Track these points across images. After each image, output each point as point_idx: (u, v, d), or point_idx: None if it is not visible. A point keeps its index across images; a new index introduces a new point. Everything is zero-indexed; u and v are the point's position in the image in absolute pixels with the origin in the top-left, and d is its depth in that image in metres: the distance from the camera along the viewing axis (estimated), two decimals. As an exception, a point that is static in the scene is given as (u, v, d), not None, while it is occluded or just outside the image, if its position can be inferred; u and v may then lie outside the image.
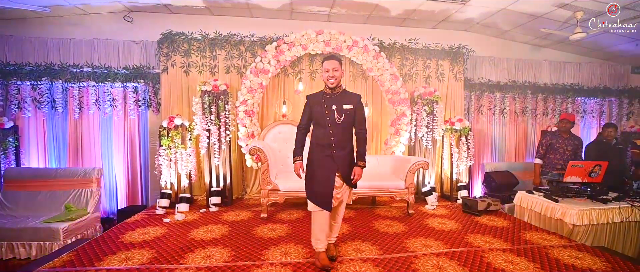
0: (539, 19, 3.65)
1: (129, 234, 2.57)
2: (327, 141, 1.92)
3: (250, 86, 3.49)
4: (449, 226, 2.85)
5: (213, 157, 3.37)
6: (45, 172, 3.31)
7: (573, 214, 2.56)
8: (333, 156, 1.91)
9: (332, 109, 1.91)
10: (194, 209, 3.27)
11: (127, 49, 3.70)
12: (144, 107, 3.72)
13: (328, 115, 1.92)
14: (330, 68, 1.91)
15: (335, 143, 1.92)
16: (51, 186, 3.21)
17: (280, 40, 3.53)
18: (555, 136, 3.15)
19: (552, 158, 3.12)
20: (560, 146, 3.12)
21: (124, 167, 3.71)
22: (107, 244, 2.38)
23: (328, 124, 1.92)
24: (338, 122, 1.91)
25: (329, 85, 1.93)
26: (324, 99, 1.95)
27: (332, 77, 1.91)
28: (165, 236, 2.53)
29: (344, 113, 1.92)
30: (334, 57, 1.94)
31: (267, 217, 2.97)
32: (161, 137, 3.31)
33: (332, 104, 1.93)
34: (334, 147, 1.92)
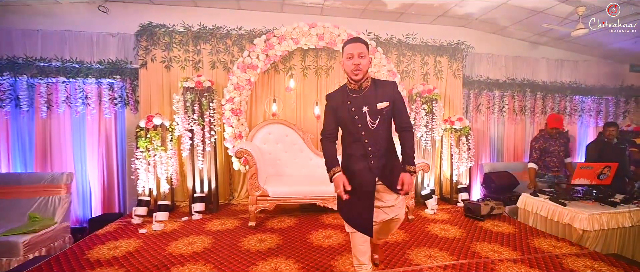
0: (539, 15, 3.43)
1: (98, 249, 2.21)
2: (362, 151, 1.43)
3: (237, 83, 3.14)
4: (452, 232, 2.58)
5: (196, 160, 3.00)
6: (7, 177, 2.87)
7: (583, 219, 2.34)
8: (371, 167, 1.43)
9: (363, 112, 1.40)
10: (175, 217, 2.90)
11: (102, 42, 3.29)
12: (121, 105, 3.32)
13: (359, 121, 1.41)
14: (354, 53, 1.37)
15: (372, 152, 1.43)
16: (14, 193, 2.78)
17: (270, 34, 3.19)
18: (547, 139, 2.93)
19: (548, 161, 2.93)
20: (555, 148, 2.91)
21: (98, 172, 3.29)
22: (69, 262, 2.02)
23: (361, 132, 1.42)
24: (372, 127, 1.41)
25: (353, 78, 1.40)
26: (349, 100, 1.43)
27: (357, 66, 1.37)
28: (139, 251, 2.18)
29: (379, 114, 1.42)
30: (358, 39, 1.41)
31: (256, 225, 2.65)
32: (138, 138, 2.93)
33: (361, 104, 1.41)
34: (371, 158, 1.44)
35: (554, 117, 2.90)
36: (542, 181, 2.95)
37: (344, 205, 1.49)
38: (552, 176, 2.93)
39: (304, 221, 2.83)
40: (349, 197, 1.42)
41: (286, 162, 3.15)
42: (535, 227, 2.69)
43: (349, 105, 1.43)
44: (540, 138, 2.94)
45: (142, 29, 3.19)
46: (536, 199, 2.73)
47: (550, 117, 2.94)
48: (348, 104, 1.43)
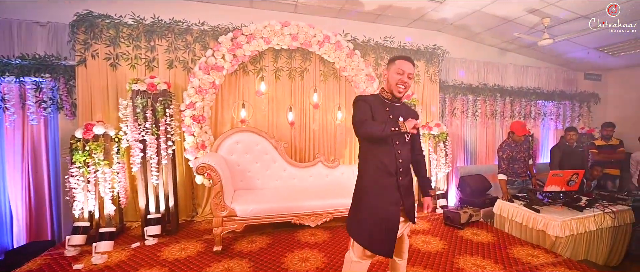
0: (509, 23, 3.42)
1: None
2: (394, 164, 1.32)
3: (200, 86, 2.66)
4: (433, 245, 2.41)
5: (150, 175, 2.48)
6: None
7: (556, 226, 2.32)
8: (399, 184, 1.33)
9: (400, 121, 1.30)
10: (124, 243, 2.40)
11: (25, 32, 2.62)
12: (53, 109, 2.66)
13: None
14: (405, 71, 1.32)
15: (402, 167, 1.34)
16: None
17: (238, 31, 2.75)
18: (513, 147, 2.85)
19: (516, 168, 2.87)
20: (521, 156, 2.86)
21: (22, 191, 2.62)
22: None
23: (395, 141, 1.34)
24: (407, 139, 1.38)
25: (396, 94, 1.35)
26: (388, 107, 1.37)
27: (405, 83, 1.34)
28: None
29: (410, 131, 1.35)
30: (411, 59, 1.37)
31: (222, 250, 2.24)
32: (74, 151, 2.33)
33: (399, 114, 1.36)
34: (401, 173, 1.34)
35: (520, 124, 2.81)
36: (512, 188, 2.90)
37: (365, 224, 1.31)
38: (521, 181, 2.90)
39: (278, 240, 2.47)
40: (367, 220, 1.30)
41: (257, 175, 2.75)
42: (511, 233, 2.64)
43: (387, 111, 1.36)
44: (507, 148, 2.84)
45: (80, 18, 2.58)
46: (511, 205, 2.67)
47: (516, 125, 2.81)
48: (387, 110, 1.36)
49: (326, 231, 2.64)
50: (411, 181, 1.41)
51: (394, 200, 1.33)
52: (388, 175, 1.33)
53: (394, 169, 1.33)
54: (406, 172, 1.37)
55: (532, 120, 4.29)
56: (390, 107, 1.37)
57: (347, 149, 3.36)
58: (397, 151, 1.33)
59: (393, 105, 1.38)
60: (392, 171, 1.33)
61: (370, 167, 1.35)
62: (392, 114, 1.35)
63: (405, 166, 1.37)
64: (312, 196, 2.54)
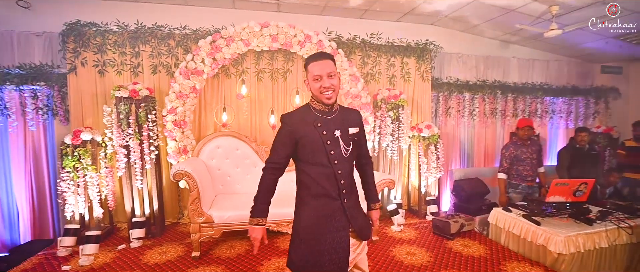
0: (511, 13, 2.97)
1: None
2: (335, 186, 1.10)
3: (180, 91, 2.56)
4: (418, 257, 2.19)
5: (134, 180, 2.43)
6: None
7: (559, 242, 1.99)
8: (345, 206, 1.11)
9: (336, 137, 1.10)
10: (112, 243, 2.41)
11: (24, 43, 2.65)
12: (49, 116, 2.68)
13: (332, 147, 1.09)
14: (323, 74, 1.06)
15: (345, 187, 1.11)
16: None
17: (217, 34, 2.61)
18: (519, 146, 2.56)
19: (521, 170, 2.55)
20: (527, 156, 2.52)
21: (26, 192, 2.69)
22: None
23: (334, 161, 1.09)
24: (346, 154, 1.11)
25: (326, 102, 1.09)
26: (319, 121, 1.10)
27: (329, 88, 1.07)
28: None
29: (351, 141, 1.13)
30: (325, 55, 1.09)
31: (201, 255, 2.19)
32: (64, 156, 2.33)
33: (333, 128, 1.10)
34: (344, 194, 1.11)
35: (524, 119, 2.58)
36: (516, 192, 2.55)
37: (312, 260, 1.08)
38: (527, 186, 2.55)
39: None
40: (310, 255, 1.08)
41: (237, 179, 2.62)
42: (507, 246, 2.34)
43: (319, 127, 1.10)
44: (511, 145, 2.57)
45: (69, 28, 2.56)
46: (508, 215, 2.33)
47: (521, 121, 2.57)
48: (318, 125, 1.10)
49: (305, 236, 2.45)
50: (357, 199, 1.18)
51: (341, 225, 1.10)
52: (331, 200, 1.11)
53: (337, 193, 1.10)
54: (351, 190, 1.14)
55: (539, 118, 3.79)
56: (322, 122, 1.10)
57: (332, 151, 3.12)
58: (337, 171, 1.09)
59: (325, 119, 1.11)
60: (335, 195, 1.10)
61: (309, 194, 1.12)
62: (326, 128, 1.10)
63: (349, 184, 1.14)
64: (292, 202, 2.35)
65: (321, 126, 1.10)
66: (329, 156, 1.09)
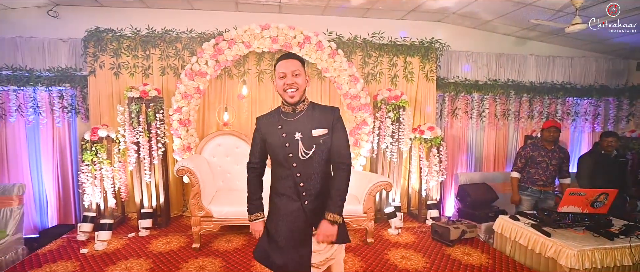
0: (527, 8, 2.71)
1: None
2: (293, 187, 1.11)
3: (185, 91, 2.66)
4: (414, 262, 2.10)
5: (143, 174, 2.57)
6: (-40, 189, 2.54)
7: (571, 256, 1.79)
8: (304, 208, 1.11)
9: (295, 139, 1.10)
10: (124, 231, 2.59)
11: (53, 48, 2.90)
12: (72, 114, 2.92)
13: (290, 150, 1.10)
14: (287, 72, 1.07)
15: (306, 190, 1.11)
16: (-34, 205, 2.44)
17: (219, 38, 2.68)
18: (538, 147, 2.37)
19: (533, 172, 2.37)
20: (543, 160, 2.35)
21: (53, 181, 2.97)
22: None
23: (292, 163, 1.10)
24: (304, 157, 1.09)
25: (289, 101, 1.10)
26: (281, 124, 1.12)
27: (292, 85, 1.07)
28: None
29: (315, 143, 1.10)
30: (292, 55, 1.12)
31: (201, 246, 2.28)
32: (83, 150, 2.53)
33: (294, 130, 1.10)
34: (305, 196, 1.11)
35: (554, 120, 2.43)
36: (524, 195, 2.38)
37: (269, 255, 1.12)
38: (537, 190, 2.36)
39: (253, 241, 2.43)
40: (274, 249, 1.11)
41: (237, 176, 2.68)
42: (513, 257, 2.16)
43: (280, 130, 1.12)
44: (529, 145, 2.41)
45: (89, 34, 2.77)
46: (516, 223, 2.15)
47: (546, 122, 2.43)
48: (279, 128, 1.12)
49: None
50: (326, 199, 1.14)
51: (300, 227, 1.11)
52: (291, 201, 1.12)
53: (296, 195, 1.11)
54: (316, 193, 1.12)
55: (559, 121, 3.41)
56: (283, 123, 1.11)
57: (331, 152, 3.07)
58: (295, 173, 1.09)
59: (287, 121, 1.12)
60: (295, 197, 1.12)
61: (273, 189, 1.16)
62: (286, 131, 1.10)
63: (312, 187, 1.11)
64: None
65: (282, 128, 1.11)
66: (288, 158, 1.09)
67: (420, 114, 3.15)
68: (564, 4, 2.58)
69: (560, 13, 2.73)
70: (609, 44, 3.37)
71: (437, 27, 3.19)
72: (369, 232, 2.32)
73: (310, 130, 1.09)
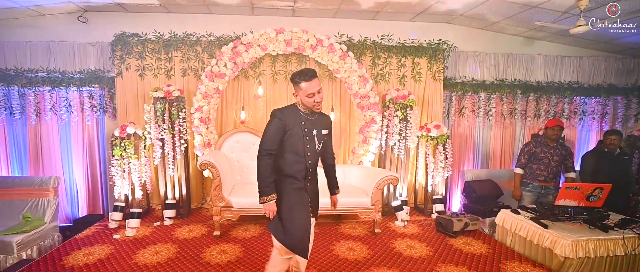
0: (533, 9, 2.88)
1: (74, 255, 2.24)
2: (304, 172, 1.48)
3: (206, 92, 2.95)
4: (418, 250, 2.32)
5: (167, 168, 2.89)
6: (4, 180, 2.95)
7: (565, 245, 1.99)
8: (307, 188, 1.52)
9: (313, 135, 1.47)
10: (149, 221, 2.90)
11: (82, 52, 3.23)
12: (101, 112, 3.26)
13: (309, 142, 1.46)
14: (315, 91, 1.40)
15: (311, 174, 1.53)
16: (10, 195, 2.84)
17: (237, 41, 2.95)
18: (541, 144, 2.56)
19: (535, 168, 2.55)
20: (545, 156, 2.53)
21: (83, 175, 3.32)
22: (48, 267, 2.06)
23: (307, 153, 1.47)
24: (318, 150, 1.51)
25: (316, 111, 1.47)
26: (303, 121, 1.47)
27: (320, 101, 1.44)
28: (109, 259, 2.18)
29: (323, 139, 1.53)
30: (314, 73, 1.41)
31: (221, 235, 2.57)
32: (113, 146, 2.85)
33: (312, 127, 1.48)
34: (309, 180, 1.53)
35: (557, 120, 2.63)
36: (526, 190, 2.56)
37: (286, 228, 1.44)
38: (538, 185, 2.53)
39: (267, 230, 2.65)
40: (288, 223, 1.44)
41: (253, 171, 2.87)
42: (513, 248, 2.37)
43: (303, 125, 1.46)
44: (533, 142, 2.60)
45: (117, 38, 3.08)
46: (516, 217, 2.36)
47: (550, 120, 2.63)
48: (302, 124, 1.46)
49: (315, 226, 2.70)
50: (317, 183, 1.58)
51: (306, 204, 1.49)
52: (297, 182, 1.48)
53: (303, 177, 1.48)
54: (314, 177, 1.54)
55: (566, 119, 3.58)
56: (305, 121, 1.46)
57: (341, 149, 3.34)
58: (308, 161, 1.47)
59: (308, 119, 1.47)
60: (301, 178, 1.48)
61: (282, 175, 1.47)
62: (307, 127, 1.46)
63: (313, 172, 1.52)
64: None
65: (304, 125, 1.45)
66: (305, 149, 1.45)
67: (428, 113, 3.36)
68: (569, 5, 2.74)
69: (567, 15, 2.90)
70: (618, 43, 3.51)
71: (445, 28, 3.39)
72: (376, 223, 2.57)
73: (321, 130, 1.49)
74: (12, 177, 3.03)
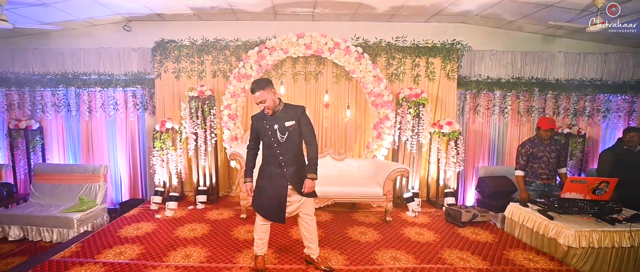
0: (548, 9, 3.08)
1: (126, 229, 2.78)
2: (276, 159, 1.91)
3: (234, 91, 3.46)
4: (426, 237, 2.63)
5: (200, 158, 3.44)
6: (63, 168, 3.65)
7: (569, 235, 2.18)
8: (284, 173, 1.90)
9: (275, 129, 1.89)
10: (183, 205, 3.44)
11: (127, 56, 3.87)
12: (142, 110, 3.90)
13: (272, 136, 1.90)
14: (258, 102, 1.87)
15: (284, 161, 1.90)
16: (68, 180, 3.53)
17: (262, 45, 3.43)
18: (536, 144, 2.75)
19: (536, 167, 2.74)
20: (543, 154, 2.72)
21: (126, 164, 3.97)
22: (107, 237, 2.60)
23: (273, 144, 1.90)
24: (282, 140, 1.89)
25: (266, 113, 1.91)
26: (265, 120, 1.92)
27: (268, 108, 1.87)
28: (154, 233, 2.70)
29: (287, 130, 1.89)
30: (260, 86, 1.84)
31: (246, 217, 3.03)
32: (154, 139, 3.45)
33: (273, 123, 1.90)
34: (284, 166, 1.90)
35: (547, 119, 2.74)
36: (530, 190, 2.77)
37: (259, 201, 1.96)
38: (541, 183, 2.74)
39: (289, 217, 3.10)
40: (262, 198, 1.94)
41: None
42: (520, 239, 2.59)
43: (264, 123, 1.92)
44: (528, 143, 2.79)
45: (157, 45, 3.68)
46: (524, 209, 2.61)
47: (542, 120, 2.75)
48: (264, 122, 1.92)
49: (329, 213, 3.17)
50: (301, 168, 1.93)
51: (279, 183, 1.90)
52: (275, 167, 1.91)
53: (277, 164, 1.90)
54: (291, 163, 1.89)
55: (586, 118, 3.70)
56: (267, 120, 1.91)
57: (356, 144, 3.72)
58: (276, 151, 1.90)
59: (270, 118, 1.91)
60: (276, 165, 1.91)
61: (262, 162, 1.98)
62: (269, 124, 1.91)
63: (289, 159, 1.89)
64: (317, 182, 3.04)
65: (265, 123, 1.91)
66: (271, 141, 1.89)
67: (442, 110, 3.65)
68: (586, 4, 2.92)
69: (585, 13, 3.07)
70: (644, 39, 3.57)
71: (460, 28, 3.66)
72: (388, 211, 2.92)
73: (283, 122, 1.87)
74: (70, 165, 3.74)
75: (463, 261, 2.21)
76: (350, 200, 3.03)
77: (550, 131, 2.68)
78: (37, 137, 3.90)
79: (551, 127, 2.67)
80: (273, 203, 1.90)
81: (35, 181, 3.56)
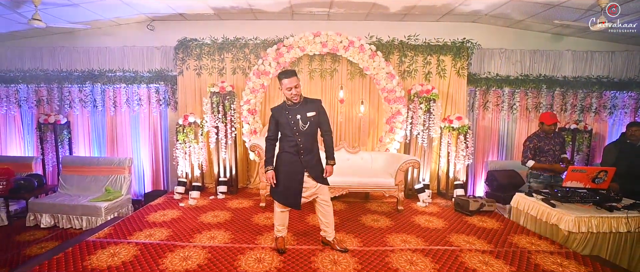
0: (555, 8, 3.36)
1: (152, 215, 3.10)
2: (295, 148, 2.12)
3: (253, 87, 3.80)
4: (435, 224, 2.93)
5: (221, 151, 3.80)
6: (90, 160, 4.04)
7: (569, 221, 2.45)
8: (301, 160, 2.12)
9: (297, 119, 2.11)
10: (204, 196, 3.77)
11: (150, 54, 4.24)
12: (164, 105, 4.27)
13: (294, 125, 2.11)
14: (292, 86, 2.06)
15: (303, 149, 2.13)
16: (95, 172, 3.91)
17: (280, 44, 3.76)
18: (541, 138, 2.99)
19: (544, 160, 2.98)
20: (550, 148, 2.97)
21: (149, 157, 4.35)
22: (136, 222, 2.91)
23: (295, 133, 2.12)
24: (303, 129, 2.12)
25: (293, 101, 2.11)
26: (287, 111, 2.14)
27: (297, 94, 2.08)
28: (180, 219, 3.01)
29: (309, 121, 2.13)
30: (293, 73, 2.07)
31: (265, 206, 3.34)
32: (177, 133, 3.82)
33: (296, 114, 2.12)
34: (302, 153, 2.13)
35: (549, 114, 2.99)
36: (537, 182, 3.03)
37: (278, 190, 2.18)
38: (548, 176, 2.99)
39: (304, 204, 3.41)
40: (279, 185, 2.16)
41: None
42: (525, 226, 2.84)
43: (287, 114, 2.13)
44: (534, 137, 3.03)
45: (179, 43, 4.04)
46: (529, 199, 2.87)
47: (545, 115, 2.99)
48: (286, 112, 2.14)
49: (343, 203, 3.49)
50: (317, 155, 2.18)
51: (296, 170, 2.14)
52: (293, 155, 2.14)
53: (296, 152, 2.13)
54: (308, 151, 2.13)
55: (593, 114, 3.97)
56: (289, 111, 2.12)
57: (369, 138, 4.05)
58: (297, 139, 2.13)
59: (291, 109, 2.13)
60: (295, 153, 2.13)
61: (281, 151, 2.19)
62: (291, 114, 2.12)
63: (307, 147, 2.12)
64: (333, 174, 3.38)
65: (288, 113, 2.12)
66: (292, 130, 2.10)
67: (452, 106, 3.95)
68: (591, 3, 3.19)
69: (590, 12, 3.34)
70: (654, 37, 3.81)
71: (471, 27, 3.94)
72: (399, 201, 3.23)
73: (305, 113, 2.09)
74: (97, 158, 4.14)
75: (469, 244, 2.48)
76: (364, 190, 3.35)
77: (554, 125, 2.94)
78: (65, 131, 4.30)
79: (554, 122, 2.92)
80: (290, 189, 2.12)
81: (64, 172, 3.95)
